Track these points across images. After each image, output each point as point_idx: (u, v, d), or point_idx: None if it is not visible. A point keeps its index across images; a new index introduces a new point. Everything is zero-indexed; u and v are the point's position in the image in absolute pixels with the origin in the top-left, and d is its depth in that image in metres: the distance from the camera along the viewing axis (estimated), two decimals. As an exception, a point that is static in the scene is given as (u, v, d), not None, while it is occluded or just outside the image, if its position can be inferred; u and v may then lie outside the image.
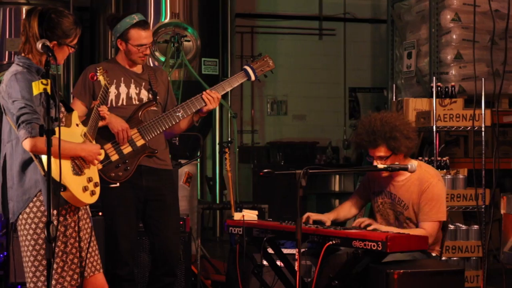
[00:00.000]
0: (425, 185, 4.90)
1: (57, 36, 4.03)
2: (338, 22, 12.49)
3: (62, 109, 4.12)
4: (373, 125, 4.94)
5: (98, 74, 4.66)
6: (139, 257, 5.89)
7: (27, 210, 3.96)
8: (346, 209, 5.24)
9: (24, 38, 4.06)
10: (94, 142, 4.25)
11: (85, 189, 4.00)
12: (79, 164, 4.03)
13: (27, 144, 3.84)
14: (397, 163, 4.86)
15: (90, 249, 4.15)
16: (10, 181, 4.02)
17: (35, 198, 3.95)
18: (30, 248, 3.98)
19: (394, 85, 8.37)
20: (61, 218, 4.00)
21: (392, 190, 5.04)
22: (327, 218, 5.06)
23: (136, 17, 5.07)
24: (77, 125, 4.16)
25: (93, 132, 4.32)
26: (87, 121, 4.38)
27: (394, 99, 7.83)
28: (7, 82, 3.97)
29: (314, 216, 4.99)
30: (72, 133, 4.08)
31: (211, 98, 5.07)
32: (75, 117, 4.16)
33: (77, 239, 4.07)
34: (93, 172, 4.12)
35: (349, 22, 12.53)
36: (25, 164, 3.94)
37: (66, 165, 3.93)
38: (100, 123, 4.58)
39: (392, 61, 9.33)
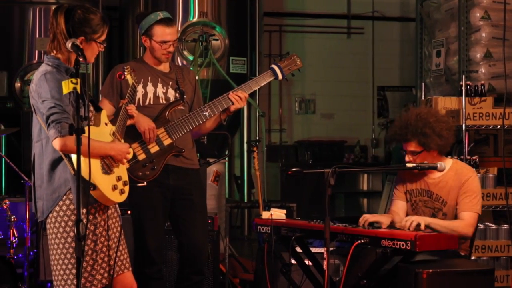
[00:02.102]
0: (465, 178, 4.88)
1: (84, 32, 4.04)
2: (366, 21, 12.45)
3: (91, 108, 4.14)
4: (408, 120, 4.94)
5: (125, 73, 4.68)
6: (168, 256, 5.91)
7: (57, 208, 3.98)
8: (397, 214, 5.15)
9: (51, 36, 4.08)
10: (122, 141, 4.27)
11: (114, 188, 4.02)
12: (108, 163, 4.04)
13: (57, 143, 3.86)
14: (426, 162, 4.83)
15: (120, 247, 4.17)
16: (39, 180, 4.05)
17: (64, 197, 3.97)
18: (61, 246, 4.00)
19: (423, 83, 8.32)
20: (91, 217, 4.01)
21: (429, 188, 5.01)
22: (385, 219, 4.91)
23: (161, 14, 5.09)
24: (106, 124, 4.17)
25: (122, 131, 4.34)
26: (115, 120, 4.39)
27: (423, 98, 7.79)
28: (37, 81, 3.99)
29: (372, 218, 4.89)
30: (101, 132, 4.10)
31: (238, 98, 5.06)
32: (103, 116, 4.17)
33: (107, 237, 4.09)
34: (122, 171, 4.13)
35: (378, 21, 12.49)
36: (55, 163, 3.96)
37: (96, 164, 3.94)
38: (128, 122, 4.59)
39: (421, 60, 9.27)
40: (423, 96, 7.91)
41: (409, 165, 4.72)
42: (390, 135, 5.08)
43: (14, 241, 6.05)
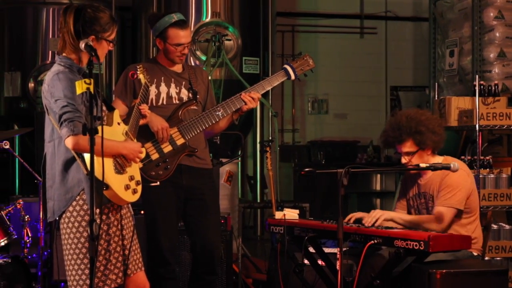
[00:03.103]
0: (446, 173, 4.86)
1: (95, 31, 4.05)
2: (379, 21, 12.43)
3: (104, 108, 4.15)
4: (399, 121, 4.97)
5: (138, 72, 4.68)
6: (181, 256, 5.92)
7: (70, 208, 3.99)
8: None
9: (61, 36, 4.09)
10: (135, 140, 4.27)
11: (127, 187, 4.02)
12: (121, 162, 4.05)
13: (69, 142, 3.87)
14: (437, 163, 4.82)
15: (133, 247, 4.17)
16: (51, 180, 4.05)
17: (78, 197, 3.98)
18: (73, 246, 4.01)
19: (436, 83, 8.29)
20: (104, 217, 4.01)
21: (422, 189, 5.04)
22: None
23: (175, 16, 5.09)
24: (118, 123, 4.18)
25: (134, 130, 4.34)
26: (128, 120, 4.40)
27: (436, 98, 7.77)
28: (49, 81, 4.00)
29: (357, 215, 4.92)
30: (114, 132, 4.10)
31: (250, 99, 5.06)
32: (116, 116, 4.18)
33: (121, 237, 4.10)
34: (134, 170, 4.14)
35: (391, 21, 12.47)
36: (68, 163, 3.97)
37: (108, 163, 3.95)
38: (141, 122, 4.59)
39: (434, 60, 9.25)
40: (436, 96, 7.89)
41: (422, 165, 4.69)
42: (383, 140, 5.09)
43: (28, 241, 6.06)
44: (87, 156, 3.85)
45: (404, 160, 4.97)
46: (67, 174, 3.98)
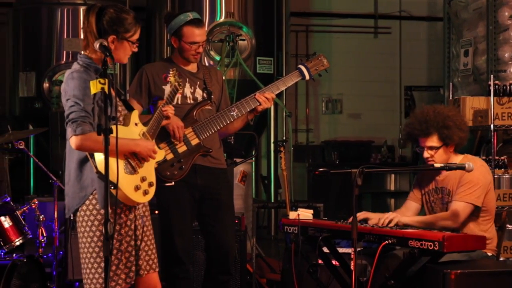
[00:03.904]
0: None
1: (116, 31, 4.06)
2: (393, 20, 12.40)
3: (122, 107, 4.16)
4: (426, 115, 4.93)
5: (170, 74, 4.68)
6: (195, 255, 5.93)
7: (84, 207, 4.01)
8: (402, 213, 5.13)
9: (83, 36, 4.11)
10: (153, 141, 4.27)
11: (137, 188, 4.02)
12: (134, 163, 4.05)
13: (72, 142, 3.91)
14: (445, 161, 4.82)
15: (146, 248, 4.18)
16: (67, 177, 4.08)
17: (91, 196, 4.00)
18: (87, 244, 4.03)
19: (450, 83, 8.28)
20: (116, 216, 4.03)
21: (440, 184, 5.01)
22: (374, 216, 4.94)
23: (190, 15, 5.09)
24: (136, 124, 4.18)
25: (154, 132, 4.32)
26: (149, 121, 4.39)
27: (450, 98, 7.75)
28: (65, 79, 4.04)
29: (361, 215, 4.91)
30: (130, 132, 4.11)
31: (265, 99, 5.05)
32: (134, 116, 4.18)
33: (134, 237, 4.10)
34: (148, 171, 4.13)
35: (405, 20, 12.44)
36: (82, 162, 3.98)
37: (119, 163, 3.95)
38: (164, 123, 4.56)
39: (449, 59, 9.23)
40: (451, 96, 7.88)
41: (437, 165, 4.67)
42: (408, 132, 5.03)
43: (42, 240, 6.09)
44: (97, 155, 3.86)
45: (426, 154, 4.92)
46: (81, 172, 3.99)
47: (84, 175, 4.00)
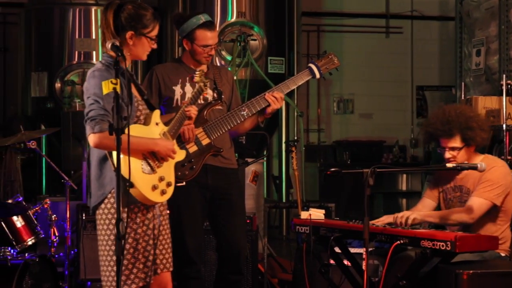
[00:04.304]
0: (488, 167, 4.77)
1: (134, 27, 4.07)
2: (405, 20, 12.39)
3: (144, 107, 4.18)
4: (448, 115, 4.88)
5: (196, 74, 4.68)
6: (206, 255, 5.93)
7: (102, 206, 4.04)
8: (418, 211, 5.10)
9: (102, 33, 4.12)
10: (174, 141, 4.28)
11: (154, 187, 4.03)
12: (152, 163, 4.06)
13: (90, 140, 3.93)
14: (466, 162, 4.80)
15: (162, 247, 4.21)
16: (91, 174, 4.11)
17: (109, 195, 4.02)
18: (104, 243, 4.06)
19: (462, 83, 8.25)
20: (133, 216, 4.04)
21: (459, 183, 4.98)
22: (384, 218, 4.93)
23: (202, 18, 5.09)
24: (156, 124, 4.19)
25: (175, 132, 4.32)
26: (171, 121, 4.41)
27: (462, 97, 7.73)
28: (87, 78, 4.07)
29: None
30: (149, 131, 4.12)
31: (274, 99, 5.04)
32: (155, 115, 4.19)
33: (151, 236, 4.12)
34: (166, 171, 4.14)
35: (417, 20, 12.42)
36: (102, 160, 4.01)
37: (136, 163, 3.97)
38: (185, 123, 4.53)
39: (461, 59, 9.21)
40: (463, 95, 7.85)
41: (449, 165, 4.65)
42: (429, 132, 4.97)
43: (54, 240, 6.11)
44: (115, 154, 3.87)
45: (448, 155, 4.88)
46: (101, 171, 4.01)
47: (104, 174, 4.01)
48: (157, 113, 4.21)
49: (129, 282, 4.03)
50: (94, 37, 9.32)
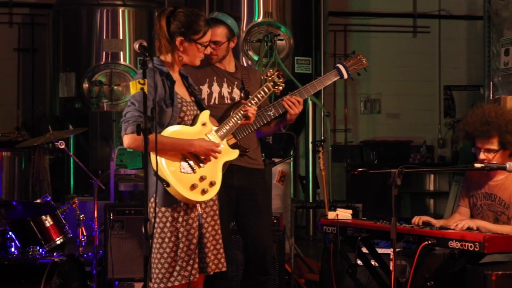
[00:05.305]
0: None
1: (184, 33, 4.14)
2: (432, 19, 12.32)
3: (187, 108, 4.21)
4: (488, 116, 4.79)
5: (269, 74, 4.69)
6: (233, 255, 5.93)
7: (150, 205, 4.09)
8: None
9: (157, 39, 4.20)
10: (225, 141, 4.34)
11: (193, 187, 4.08)
12: (193, 163, 4.11)
13: (124, 141, 4.04)
14: (495, 162, 4.74)
15: (212, 247, 4.27)
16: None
17: (155, 194, 4.08)
18: (155, 240, 4.12)
19: (491, 82, 8.20)
20: (176, 215, 4.11)
21: (491, 191, 4.90)
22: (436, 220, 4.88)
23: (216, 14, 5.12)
24: (203, 124, 4.24)
25: (226, 132, 4.37)
26: (222, 120, 4.44)
27: (491, 97, 7.67)
28: None
29: (424, 218, 4.84)
30: (194, 132, 4.18)
31: (291, 104, 5.01)
32: (203, 116, 4.26)
33: (195, 235, 4.16)
34: (210, 171, 4.19)
35: (444, 19, 12.35)
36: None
37: (175, 162, 4.04)
38: (242, 123, 4.54)
39: (489, 58, 9.14)
40: (491, 95, 7.80)
41: (477, 165, 4.59)
42: (467, 131, 4.88)
43: (82, 239, 6.15)
44: (153, 155, 3.94)
45: (482, 156, 4.79)
46: (149, 171, 4.04)
47: (150, 174, 4.05)
48: (205, 113, 4.27)
49: (172, 279, 4.10)
50: (121, 37, 9.37)
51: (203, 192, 4.13)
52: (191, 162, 4.11)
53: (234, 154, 4.43)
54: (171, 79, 4.17)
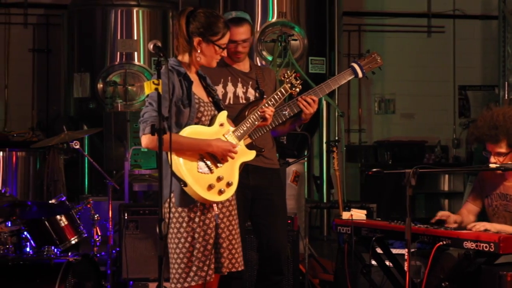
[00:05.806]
0: None
1: (202, 34, 4.16)
2: (447, 19, 12.28)
3: (204, 108, 4.23)
4: (495, 120, 4.77)
5: (286, 75, 4.70)
6: (247, 255, 5.93)
7: (166, 205, 4.12)
8: (465, 216, 5.06)
9: (176, 39, 4.22)
10: (241, 142, 4.35)
11: (210, 187, 4.09)
12: (211, 163, 4.13)
13: (142, 141, 4.06)
14: (510, 162, 4.73)
15: (229, 247, 4.29)
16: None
17: (171, 194, 4.11)
18: (171, 240, 4.15)
19: (506, 82, 8.17)
20: (193, 215, 4.12)
21: (506, 191, 4.88)
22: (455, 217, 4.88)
23: (233, 14, 5.12)
24: (221, 125, 4.26)
25: (243, 133, 4.39)
26: (239, 121, 4.45)
27: (506, 97, 7.65)
28: None
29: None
30: (211, 132, 4.20)
31: (306, 104, 5.00)
32: (221, 116, 4.28)
33: (212, 236, 4.17)
34: (227, 171, 4.20)
35: (459, 19, 12.31)
36: (166, 162, 4.05)
37: (192, 162, 4.06)
38: (259, 124, 4.55)
39: (504, 58, 9.12)
40: (506, 95, 7.77)
41: (492, 165, 4.60)
42: (476, 136, 4.88)
43: (97, 239, 6.17)
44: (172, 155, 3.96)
45: (493, 159, 4.78)
46: (166, 171, 4.05)
47: (166, 174, 4.07)
48: (223, 114, 4.29)
49: (189, 279, 4.12)
50: (135, 38, 9.39)
51: (220, 192, 4.14)
52: (209, 162, 4.13)
53: (251, 155, 4.44)
54: (188, 80, 4.18)
